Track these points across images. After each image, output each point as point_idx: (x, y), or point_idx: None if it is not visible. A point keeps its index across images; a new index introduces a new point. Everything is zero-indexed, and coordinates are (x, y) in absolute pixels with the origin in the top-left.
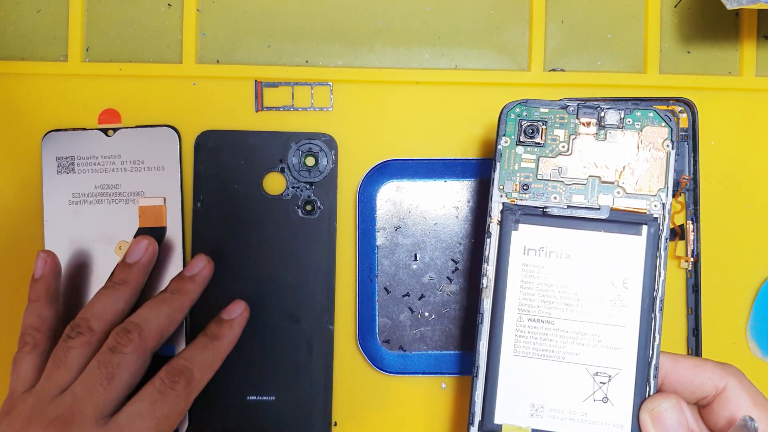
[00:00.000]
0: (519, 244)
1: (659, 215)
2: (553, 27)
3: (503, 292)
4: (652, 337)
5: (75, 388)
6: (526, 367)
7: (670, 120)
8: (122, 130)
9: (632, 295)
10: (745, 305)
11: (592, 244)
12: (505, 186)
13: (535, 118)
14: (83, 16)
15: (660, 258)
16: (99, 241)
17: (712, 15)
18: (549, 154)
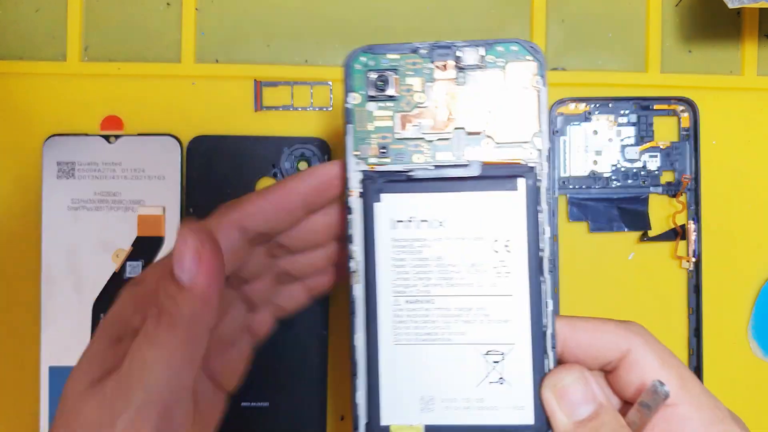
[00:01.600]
0: (385, 218)
1: (536, 164)
2: (553, 26)
3: (374, 274)
4: (543, 304)
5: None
6: (410, 356)
7: (537, 52)
8: (124, 137)
9: (517, 259)
10: (747, 305)
11: (466, 207)
12: (361, 150)
13: (384, 67)
14: (82, 16)
15: (542, 212)
16: (96, 248)
17: (714, 14)
18: (406, 108)
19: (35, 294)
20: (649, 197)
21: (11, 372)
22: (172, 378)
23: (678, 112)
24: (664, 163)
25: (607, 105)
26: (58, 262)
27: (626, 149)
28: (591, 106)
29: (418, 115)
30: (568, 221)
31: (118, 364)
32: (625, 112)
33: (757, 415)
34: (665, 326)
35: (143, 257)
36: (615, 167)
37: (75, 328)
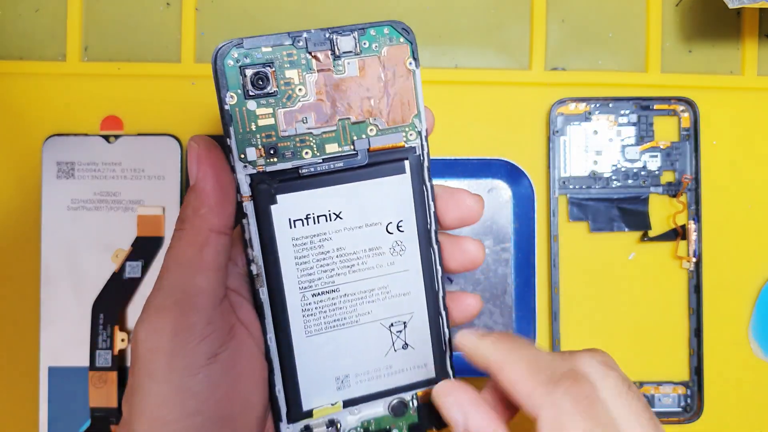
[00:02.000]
0: (283, 219)
1: (417, 145)
2: (554, 26)
3: (278, 275)
4: (435, 271)
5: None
6: (321, 344)
7: (408, 33)
8: (124, 137)
9: (409, 237)
10: (747, 305)
11: (359, 195)
12: (247, 153)
13: (259, 61)
14: (82, 16)
15: (427, 190)
16: (95, 248)
17: (714, 14)
18: (287, 104)
19: (35, 294)
20: (650, 197)
21: (11, 372)
22: (181, 277)
23: (678, 112)
24: (664, 163)
25: (607, 105)
26: (57, 263)
27: (626, 149)
28: (591, 106)
29: (302, 110)
30: (568, 221)
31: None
32: (626, 112)
33: (757, 415)
34: (665, 326)
35: (143, 257)
36: (615, 167)
37: (74, 328)
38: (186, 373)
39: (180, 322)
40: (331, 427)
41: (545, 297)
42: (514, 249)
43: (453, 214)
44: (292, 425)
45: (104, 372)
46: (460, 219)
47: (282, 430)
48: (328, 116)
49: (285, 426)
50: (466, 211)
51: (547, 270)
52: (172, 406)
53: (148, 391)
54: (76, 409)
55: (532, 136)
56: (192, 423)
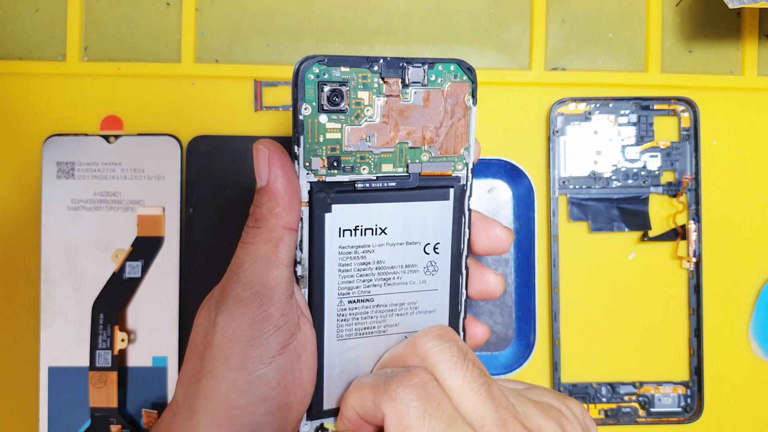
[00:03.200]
0: (334, 227)
1: (462, 175)
2: (554, 26)
3: (321, 279)
4: (460, 293)
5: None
6: (349, 349)
7: (471, 73)
8: (124, 137)
9: (443, 258)
10: (747, 305)
11: (405, 215)
12: (312, 162)
13: (337, 79)
14: (81, 16)
15: (465, 218)
16: (95, 248)
17: (714, 14)
18: (355, 121)
19: (35, 294)
20: (650, 197)
21: (11, 372)
22: (258, 271)
23: (678, 112)
24: (664, 163)
25: (607, 105)
26: (57, 263)
27: (626, 149)
28: (591, 106)
29: (367, 129)
30: (568, 221)
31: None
32: (626, 112)
33: (757, 415)
34: (666, 326)
35: (143, 257)
36: (615, 167)
37: (74, 328)
38: (260, 360)
39: (258, 312)
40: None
41: (545, 297)
42: (514, 249)
43: (483, 242)
44: (310, 422)
45: (104, 372)
46: (488, 248)
47: (301, 427)
48: (389, 138)
49: (304, 422)
50: (496, 241)
51: (547, 270)
52: (243, 392)
53: (223, 377)
54: (76, 409)
55: (532, 136)
56: (258, 409)
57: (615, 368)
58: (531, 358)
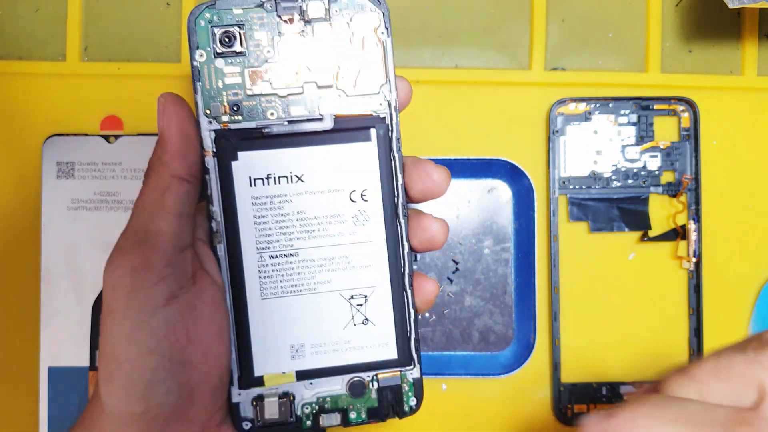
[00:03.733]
0: (243, 176)
1: (386, 114)
2: (554, 26)
3: (236, 233)
4: (401, 246)
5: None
6: (277, 309)
7: (380, 3)
8: (124, 137)
9: (373, 207)
10: (747, 305)
11: (323, 160)
12: (212, 109)
13: (229, 23)
14: (81, 16)
15: (395, 161)
16: (95, 248)
17: (714, 14)
18: (255, 64)
19: (34, 294)
20: (650, 197)
21: (11, 372)
22: (142, 219)
23: (678, 112)
24: (664, 163)
25: (607, 105)
26: (57, 262)
27: (626, 149)
28: (591, 106)
29: (268, 71)
30: (568, 221)
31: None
32: (626, 112)
33: None
34: (665, 326)
35: None
36: (615, 167)
37: (74, 328)
38: (143, 310)
39: (139, 260)
40: (285, 399)
41: (545, 297)
42: (514, 249)
43: (416, 185)
44: (244, 391)
45: None
46: (424, 192)
47: (233, 396)
48: (295, 79)
49: (236, 391)
50: (430, 183)
51: (547, 270)
52: (128, 344)
53: (109, 330)
54: (76, 409)
55: (532, 136)
56: (147, 362)
57: (615, 368)
58: (531, 358)
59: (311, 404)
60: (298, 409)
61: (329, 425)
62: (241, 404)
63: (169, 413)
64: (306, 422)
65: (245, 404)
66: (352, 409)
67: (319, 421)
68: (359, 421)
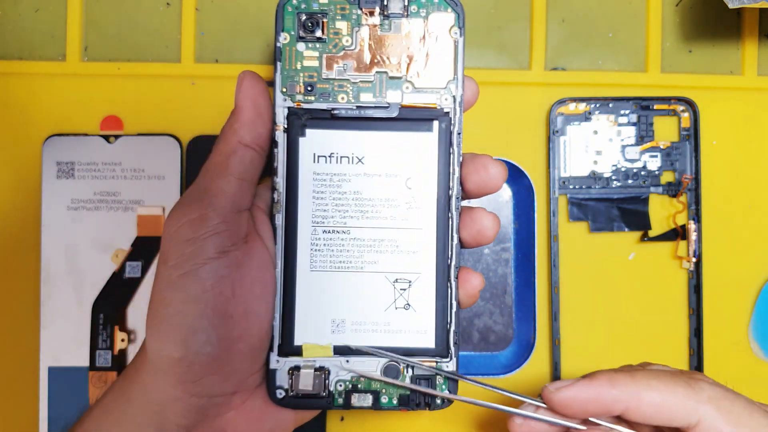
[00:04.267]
0: (308, 152)
1: (450, 109)
2: (554, 26)
3: (295, 205)
4: (450, 238)
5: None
6: (324, 282)
7: (456, 5)
8: (124, 137)
9: (427, 196)
10: (747, 305)
11: (384, 145)
12: (288, 88)
13: (314, 10)
14: (81, 16)
15: (453, 154)
16: (95, 248)
17: (714, 14)
18: (333, 50)
19: (34, 294)
20: (650, 197)
21: (11, 372)
22: (206, 178)
23: (678, 112)
24: (664, 163)
25: (607, 105)
26: (57, 262)
27: (626, 149)
28: (591, 106)
29: (344, 57)
30: (568, 221)
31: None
32: (626, 112)
33: None
34: (665, 326)
35: (143, 257)
36: (615, 167)
37: (74, 328)
38: (194, 259)
39: (196, 213)
40: (320, 372)
41: (545, 297)
42: (514, 249)
43: (473, 178)
44: (282, 359)
45: (104, 372)
46: (480, 185)
47: (271, 362)
48: (367, 67)
49: (275, 358)
50: (486, 176)
51: (547, 270)
52: (175, 290)
53: (161, 277)
54: (76, 409)
55: (532, 136)
56: (192, 309)
57: (615, 368)
58: (531, 358)
59: (345, 382)
60: (332, 385)
61: (360, 406)
62: (278, 371)
63: (207, 364)
64: (338, 399)
65: (282, 372)
66: (384, 393)
67: (350, 400)
68: (390, 406)
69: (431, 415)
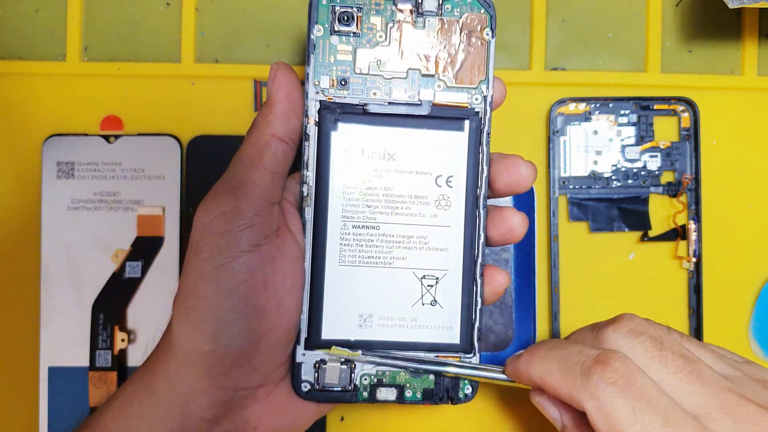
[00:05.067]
0: (340, 146)
1: (480, 109)
2: (554, 26)
3: (325, 199)
4: (477, 236)
5: None
6: (352, 277)
7: (489, 6)
8: (124, 137)
9: (456, 194)
10: (747, 305)
11: (415, 142)
12: (321, 81)
13: (349, 4)
14: (82, 16)
15: (482, 154)
16: (95, 248)
17: (714, 14)
18: (366, 45)
19: (34, 294)
20: (650, 197)
21: (10, 372)
22: (239, 170)
23: (678, 112)
24: (664, 163)
25: (607, 105)
26: (57, 263)
27: (626, 149)
28: (591, 106)
29: (378, 53)
30: (568, 221)
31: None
32: (625, 112)
33: None
34: None
35: (143, 257)
36: (615, 167)
37: (74, 328)
38: (228, 252)
39: (231, 205)
40: (345, 366)
41: (545, 297)
42: (514, 249)
43: (503, 177)
44: (309, 353)
45: (104, 372)
46: (509, 184)
47: (297, 355)
48: (401, 64)
49: (301, 351)
50: (516, 176)
51: (547, 270)
52: (208, 282)
53: (192, 267)
54: (76, 409)
55: (532, 136)
56: (224, 301)
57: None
58: None
59: (370, 376)
60: (357, 379)
61: (384, 400)
62: (303, 365)
63: (236, 357)
64: (363, 393)
65: (307, 366)
66: (409, 387)
67: (375, 394)
68: (414, 400)
69: (432, 415)
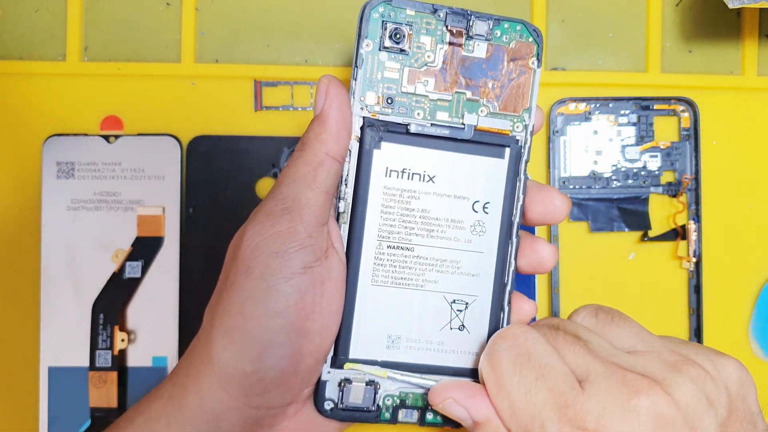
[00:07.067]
0: (381, 165)
1: (521, 137)
2: (554, 26)
3: (362, 217)
4: (508, 263)
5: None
6: (383, 297)
7: (537, 36)
8: (124, 137)
9: (492, 221)
10: (747, 305)
11: (455, 166)
12: (367, 97)
13: (401, 21)
14: (82, 16)
15: (520, 182)
16: (95, 248)
17: (714, 14)
18: (414, 64)
19: (34, 294)
20: (650, 197)
21: (10, 372)
22: (293, 189)
23: (678, 112)
24: (664, 163)
25: (607, 105)
26: (57, 263)
27: (626, 149)
28: (591, 106)
29: (425, 73)
30: (568, 221)
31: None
32: (626, 112)
33: None
34: (665, 327)
35: (143, 257)
36: (615, 167)
37: (74, 328)
38: (281, 273)
39: (286, 226)
40: (370, 386)
41: (545, 297)
42: None
43: (538, 208)
44: (334, 370)
45: (104, 372)
46: (543, 215)
47: (323, 373)
48: (447, 86)
49: (327, 369)
50: (551, 208)
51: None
52: (258, 302)
53: (241, 287)
54: (76, 409)
55: None
56: (272, 324)
57: None
58: None
59: (393, 397)
60: (380, 400)
61: (406, 421)
62: (328, 383)
63: (276, 378)
64: (385, 414)
65: (332, 384)
66: (430, 409)
67: (397, 415)
68: (435, 422)
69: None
